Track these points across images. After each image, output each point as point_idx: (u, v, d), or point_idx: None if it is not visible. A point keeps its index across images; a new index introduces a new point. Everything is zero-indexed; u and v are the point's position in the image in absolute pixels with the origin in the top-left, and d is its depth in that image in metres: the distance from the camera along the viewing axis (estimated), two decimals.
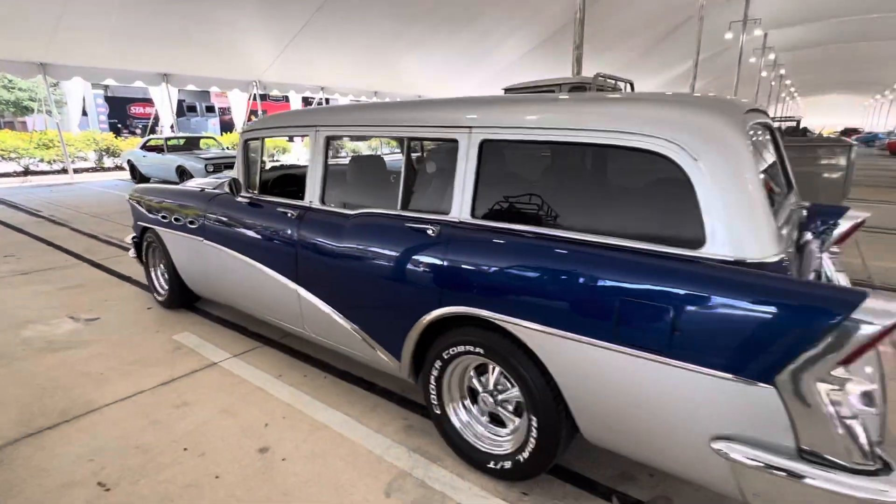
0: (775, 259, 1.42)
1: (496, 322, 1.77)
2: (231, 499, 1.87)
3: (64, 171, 13.06)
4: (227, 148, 13.18)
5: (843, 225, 2.41)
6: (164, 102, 15.03)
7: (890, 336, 1.20)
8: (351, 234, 2.25)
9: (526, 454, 1.83)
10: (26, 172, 12.87)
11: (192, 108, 29.32)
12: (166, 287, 3.71)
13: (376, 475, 2.00)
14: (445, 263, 1.90)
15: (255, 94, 16.49)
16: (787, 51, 32.64)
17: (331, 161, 2.53)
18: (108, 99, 27.15)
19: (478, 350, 1.87)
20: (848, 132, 44.26)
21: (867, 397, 1.37)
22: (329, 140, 2.47)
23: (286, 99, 22.76)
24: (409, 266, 2.01)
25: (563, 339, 1.62)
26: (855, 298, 1.20)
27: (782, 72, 37.39)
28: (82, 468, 2.03)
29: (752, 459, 1.33)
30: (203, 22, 12.19)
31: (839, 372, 1.25)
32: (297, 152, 18.84)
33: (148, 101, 21.87)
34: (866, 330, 1.17)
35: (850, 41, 32.38)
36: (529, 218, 1.84)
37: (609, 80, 5.48)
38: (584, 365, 1.60)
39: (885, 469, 1.26)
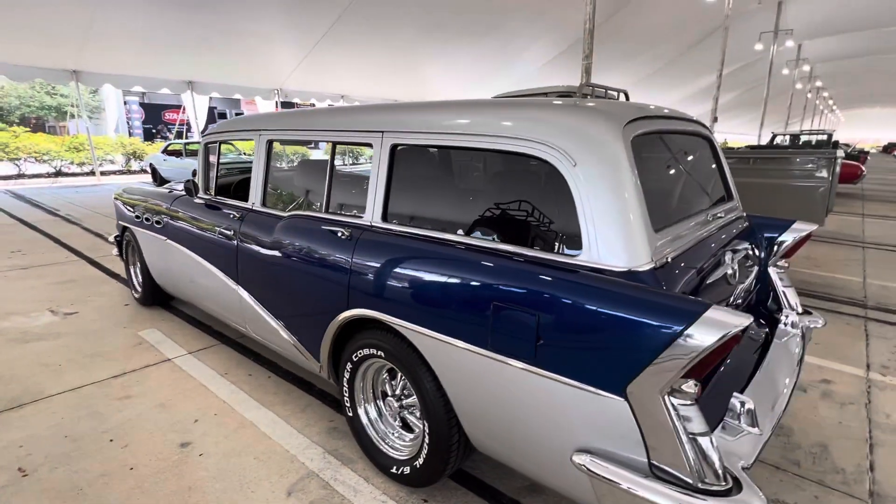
0: (646, 268, 1.38)
1: (393, 326, 1.78)
2: (137, 490, 1.92)
3: (91, 173, 13.68)
4: (244, 153, 13.57)
5: (789, 238, 2.32)
6: (194, 109, 15.63)
7: (726, 350, 1.15)
8: (277, 235, 2.29)
9: (421, 460, 1.82)
10: (58, 174, 13.53)
11: (222, 115, 30.32)
12: (142, 284, 3.84)
13: (285, 474, 2.01)
14: (352, 266, 1.92)
15: (277, 102, 16.93)
16: (824, 62, 31.51)
17: (283, 165, 2.59)
18: (143, 105, 28.34)
19: (379, 353, 1.88)
20: (891, 147, 42.26)
21: (748, 415, 1.32)
22: (270, 143, 2.52)
23: (312, 107, 23.32)
24: (323, 268, 2.04)
25: (448, 345, 1.61)
26: (695, 310, 1.16)
27: (819, 84, 36.10)
28: (10, 453, 2.12)
29: (606, 474, 1.29)
30: (227, 31, 12.64)
31: (688, 386, 1.21)
32: (316, 156, 19.19)
33: (180, 108, 22.81)
34: (702, 342, 1.12)
35: (893, 52, 31.08)
36: (430, 222, 1.85)
37: (600, 89, 5.41)
38: (466, 371, 1.59)
39: (735, 489, 1.21)
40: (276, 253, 2.28)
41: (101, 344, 3.21)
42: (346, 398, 2.09)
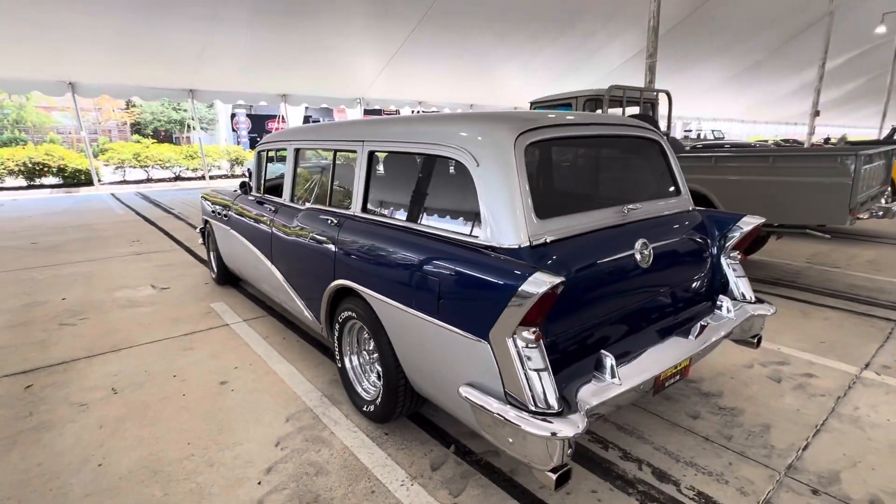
0: (523, 246, 1.76)
1: (360, 292, 2.28)
2: (183, 409, 2.60)
3: (203, 177, 15.79)
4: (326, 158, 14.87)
5: (739, 231, 2.48)
6: (289, 118, 17.43)
7: (551, 300, 1.51)
8: (296, 223, 2.89)
9: (379, 400, 2.31)
10: (176, 178, 15.79)
11: (316, 122, 32.93)
12: (216, 267, 4.72)
13: (288, 407, 2.60)
14: (337, 246, 2.45)
15: (362, 111, 18.25)
16: None
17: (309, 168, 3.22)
18: (250, 116, 31.65)
19: (353, 315, 2.39)
20: None
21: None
22: (297, 151, 3.15)
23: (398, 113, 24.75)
24: (320, 248, 2.60)
25: (391, 306, 2.08)
26: (525, 273, 1.53)
27: None
28: (107, 379, 2.93)
29: (477, 400, 1.68)
30: (315, 48, 13.98)
31: (528, 332, 1.58)
32: None
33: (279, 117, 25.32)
34: (528, 297, 1.49)
35: None
36: (391, 211, 2.33)
37: (633, 91, 5.51)
38: (402, 326, 2.05)
39: (564, 412, 1.55)
40: (294, 237, 2.88)
41: (181, 311, 4.08)
42: (336, 352, 2.63)
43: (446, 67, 17.03)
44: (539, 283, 1.49)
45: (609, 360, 1.75)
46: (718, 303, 2.36)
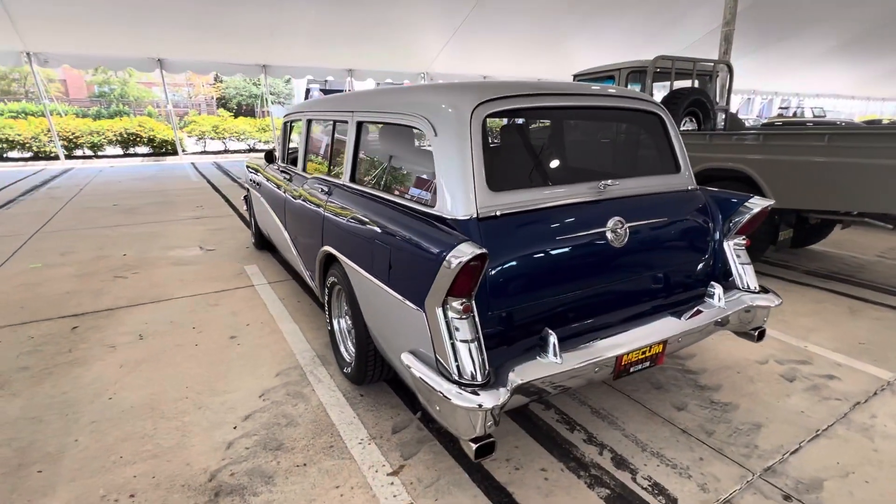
0: (467, 218, 1.74)
1: (338, 257, 2.37)
2: (192, 356, 2.87)
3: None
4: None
5: (745, 214, 2.28)
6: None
7: (474, 272, 1.49)
8: (300, 191, 3.03)
9: (353, 362, 2.40)
10: (250, 150, 16.83)
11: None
12: (254, 232, 5.05)
13: (281, 363, 2.78)
14: (324, 214, 2.55)
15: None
16: None
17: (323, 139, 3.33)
18: (324, 91, 32.78)
19: (336, 280, 2.49)
20: None
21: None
22: (308, 122, 3.27)
23: None
24: (313, 216, 2.71)
25: (358, 272, 2.15)
26: (451, 243, 1.52)
27: None
28: (138, 326, 3.28)
29: (413, 367, 1.71)
30: (379, 21, 14.12)
31: (457, 302, 1.58)
32: None
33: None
34: (451, 267, 1.49)
35: None
36: (370, 181, 2.37)
37: (685, 62, 5.07)
38: (366, 291, 2.11)
39: (491, 385, 1.55)
40: (298, 205, 3.02)
41: (218, 271, 4.42)
42: (327, 315, 2.76)
43: (513, 39, 16.52)
44: (461, 254, 1.48)
45: (552, 339, 1.71)
46: (709, 290, 2.20)
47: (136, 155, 15.22)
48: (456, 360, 1.58)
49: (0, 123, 13.66)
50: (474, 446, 1.56)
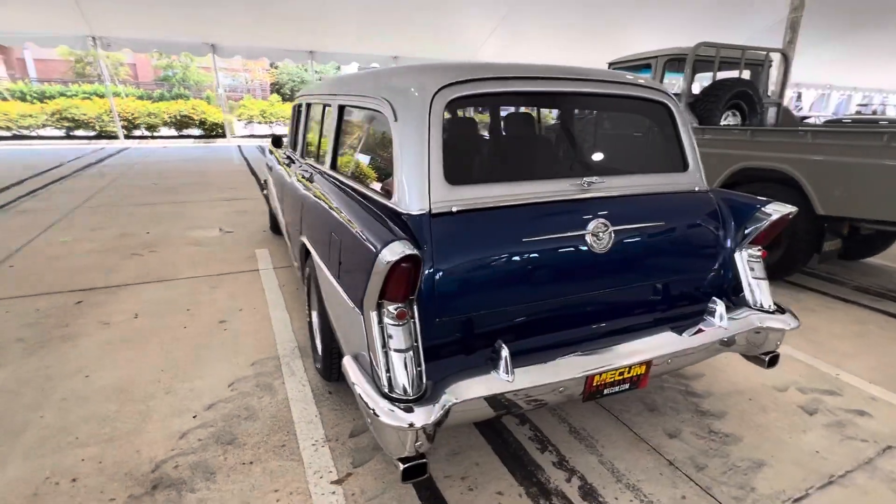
0: (419, 213, 1.57)
1: (309, 248, 2.26)
2: (176, 338, 2.86)
3: None
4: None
5: (761, 221, 1.99)
6: None
7: (405, 274, 1.33)
8: (290, 178, 2.94)
9: (321, 358, 2.30)
10: None
11: None
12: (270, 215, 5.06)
13: (261, 352, 2.72)
14: (304, 202, 2.44)
15: None
16: None
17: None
18: None
19: (311, 271, 2.39)
20: None
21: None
22: (308, 107, 3.17)
23: None
24: (296, 204, 2.62)
25: (319, 264, 2.03)
26: (386, 238, 1.36)
27: None
28: (137, 304, 3.32)
29: (349, 373, 1.56)
30: (424, 7, 13.95)
31: (393, 307, 1.42)
32: None
33: None
34: (381, 267, 1.33)
35: None
36: (344, 169, 2.24)
37: (733, 50, 4.59)
38: (324, 285, 1.99)
39: (422, 400, 1.39)
40: (290, 189, 2.94)
41: (230, 253, 4.46)
42: (306, 306, 2.67)
43: (564, 26, 15.89)
44: (390, 254, 1.32)
45: (503, 353, 1.52)
46: (710, 306, 1.93)
47: (188, 136, 15.87)
48: (388, 370, 1.42)
49: (67, 104, 14.56)
50: (402, 466, 1.40)
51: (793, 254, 3.69)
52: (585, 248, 1.74)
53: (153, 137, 15.48)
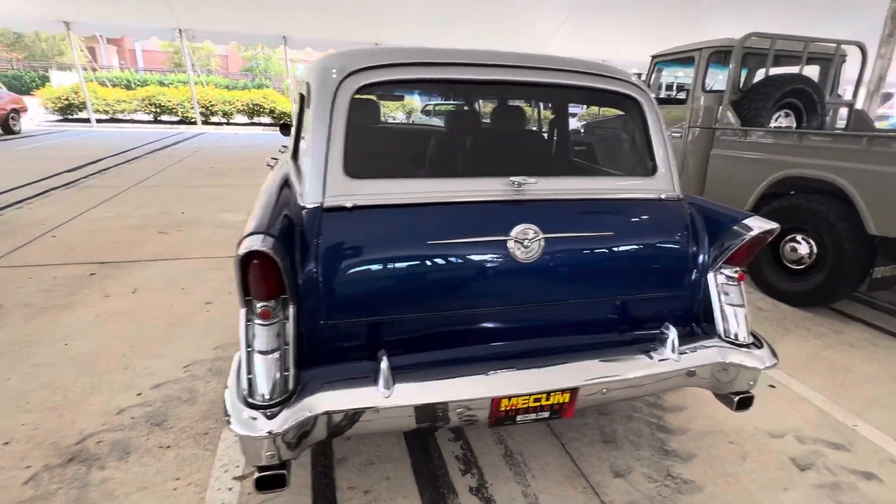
0: (314, 206, 1.47)
1: None
2: (158, 318, 2.96)
3: None
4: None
5: (737, 238, 1.69)
6: None
7: (260, 271, 1.25)
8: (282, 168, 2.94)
9: None
10: None
11: None
12: None
13: (231, 336, 2.75)
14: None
15: None
16: None
17: None
18: None
19: None
20: None
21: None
22: (300, 94, 3.15)
23: None
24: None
25: None
26: (249, 231, 1.28)
27: None
28: (140, 280, 3.49)
29: (232, 369, 1.49)
30: (490, 1, 13.75)
31: (258, 306, 1.33)
32: None
33: None
34: (237, 259, 1.25)
35: None
36: (294, 155, 2.18)
37: (794, 41, 4.00)
38: None
39: (285, 407, 1.29)
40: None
41: None
42: None
43: (641, 18, 15.01)
44: (242, 248, 1.24)
45: (383, 365, 1.38)
46: (662, 333, 1.66)
47: (259, 124, 16.76)
48: (250, 372, 1.34)
49: (155, 91, 15.88)
50: (256, 475, 1.32)
51: (837, 278, 3.18)
52: (506, 256, 1.54)
53: (228, 124, 16.49)
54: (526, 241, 1.55)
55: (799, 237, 3.42)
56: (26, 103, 13.20)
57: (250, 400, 1.32)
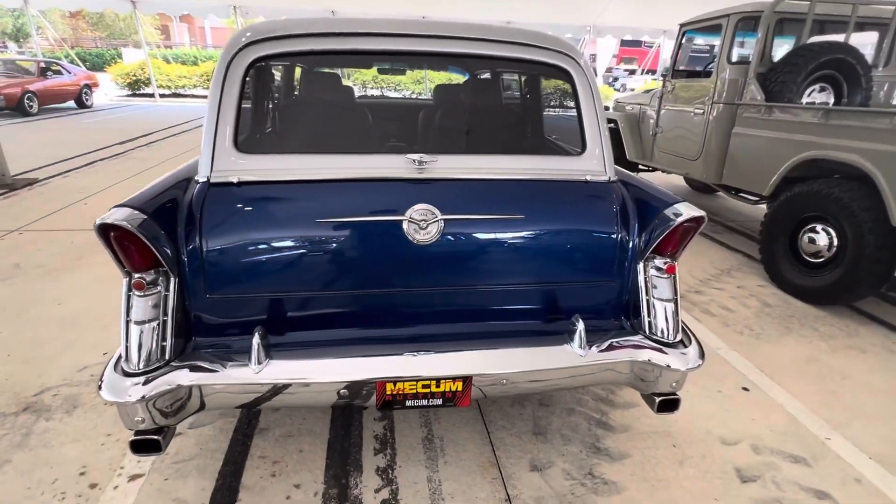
0: (202, 181, 1.47)
1: None
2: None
3: None
4: None
5: (663, 225, 1.54)
6: None
7: (121, 241, 1.27)
8: None
9: None
10: None
11: None
12: None
13: None
14: None
15: (585, 40, 16.63)
16: None
17: None
18: None
19: None
20: None
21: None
22: None
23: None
24: None
25: None
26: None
27: None
28: None
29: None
30: None
31: (136, 277, 1.37)
32: None
33: None
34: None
35: None
36: None
37: (839, 5, 3.48)
38: None
39: (145, 376, 1.33)
40: None
41: None
42: None
43: None
44: (100, 219, 1.27)
45: (255, 341, 1.38)
46: (571, 325, 1.55)
47: None
48: (127, 340, 1.38)
49: (212, 66, 16.58)
50: (131, 438, 1.38)
51: (856, 274, 2.83)
52: (401, 237, 1.48)
53: None
54: (423, 223, 1.48)
55: (819, 227, 3.08)
56: (98, 79, 14.23)
57: (124, 367, 1.36)
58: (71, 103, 12.83)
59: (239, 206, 1.46)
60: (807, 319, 2.99)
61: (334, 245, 1.48)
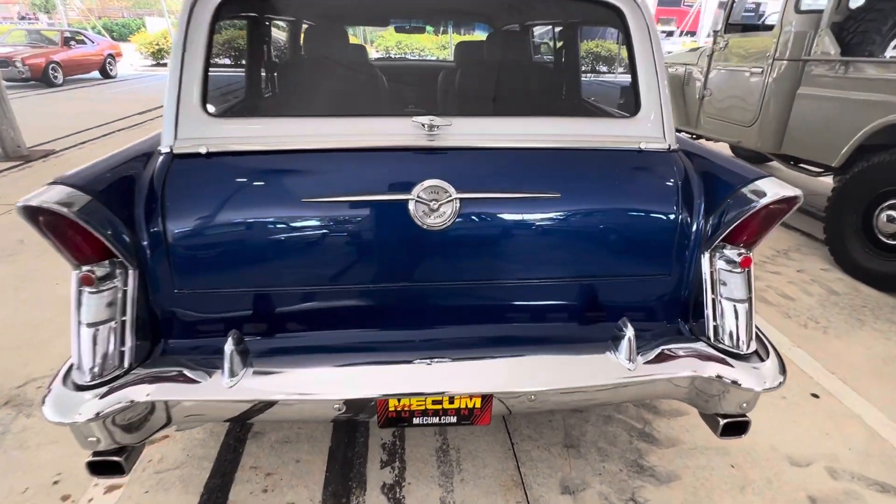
0: (165, 151, 1.21)
1: None
2: None
3: None
4: None
5: (743, 208, 1.20)
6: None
7: (57, 227, 1.02)
8: None
9: None
10: None
11: None
12: None
13: None
14: None
15: None
16: None
17: None
18: None
19: None
20: None
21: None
22: None
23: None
24: None
25: None
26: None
27: None
28: None
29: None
30: None
31: (84, 270, 1.13)
32: None
33: None
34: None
35: None
36: None
37: None
38: None
39: (99, 388, 1.12)
40: None
41: None
42: None
43: None
44: (23, 200, 1.02)
45: (228, 349, 1.13)
46: (618, 330, 1.25)
47: None
48: (78, 346, 1.16)
49: (234, 35, 16.27)
50: (88, 459, 1.17)
51: None
52: (407, 221, 1.20)
53: None
54: (434, 203, 1.19)
55: None
56: (122, 49, 14.13)
57: (75, 379, 1.14)
58: (95, 73, 12.78)
59: (208, 181, 1.20)
60: (882, 311, 2.60)
61: (323, 232, 1.21)
